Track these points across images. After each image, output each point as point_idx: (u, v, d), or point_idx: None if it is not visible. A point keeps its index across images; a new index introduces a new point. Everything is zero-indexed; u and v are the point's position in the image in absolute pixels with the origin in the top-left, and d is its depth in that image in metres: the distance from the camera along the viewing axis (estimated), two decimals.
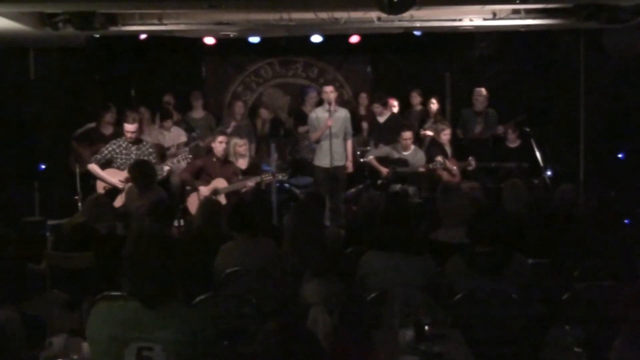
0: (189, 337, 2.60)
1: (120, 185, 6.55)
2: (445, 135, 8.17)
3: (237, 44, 9.48)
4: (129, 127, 6.63)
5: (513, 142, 8.33)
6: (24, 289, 4.11)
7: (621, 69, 7.82)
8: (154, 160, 6.76)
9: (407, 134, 8.00)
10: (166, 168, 6.86)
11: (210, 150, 7.67)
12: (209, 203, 5.52)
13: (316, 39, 9.14)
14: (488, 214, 4.03)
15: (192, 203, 6.97)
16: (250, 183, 6.99)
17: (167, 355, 2.58)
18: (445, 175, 7.83)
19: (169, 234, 4.68)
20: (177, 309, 2.67)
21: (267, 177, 7.13)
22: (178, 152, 7.99)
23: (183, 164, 7.42)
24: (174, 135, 8.51)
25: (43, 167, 8.44)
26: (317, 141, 7.73)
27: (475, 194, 6.27)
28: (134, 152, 6.66)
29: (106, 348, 2.66)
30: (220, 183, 7.01)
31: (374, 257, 4.10)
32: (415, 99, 9.55)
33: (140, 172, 5.91)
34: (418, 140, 8.77)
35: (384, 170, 8.01)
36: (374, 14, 7.28)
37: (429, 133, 8.75)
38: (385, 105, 9.08)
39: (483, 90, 8.68)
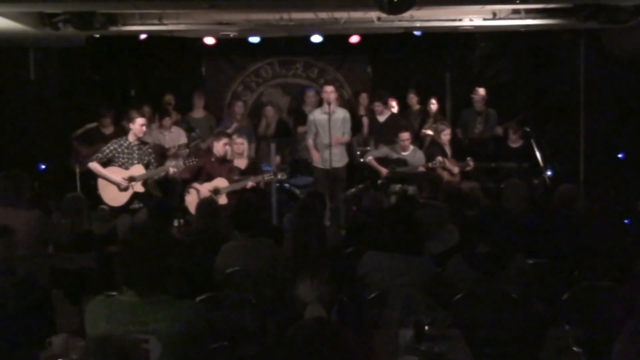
0: (182, 328, 2.65)
1: (124, 184, 6.54)
2: (445, 136, 8.17)
3: (237, 44, 9.47)
4: (140, 121, 6.61)
5: (513, 142, 8.32)
6: None
7: (621, 69, 7.82)
8: (153, 162, 6.75)
9: (405, 135, 7.98)
10: (172, 169, 6.84)
11: (209, 150, 7.66)
12: (206, 203, 5.51)
13: (316, 39, 9.14)
14: (488, 214, 4.03)
15: (192, 202, 6.95)
16: (251, 182, 6.96)
17: (162, 346, 2.63)
18: (445, 176, 7.82)
19: (169, 232, 4.67)
20: (169, 301, 2.72)
21: (268, 177, 7.10)
22: (178, 152, 7.98)
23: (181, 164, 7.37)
24: (175, 136, 8.49)
25: (43, 167, 8.44)
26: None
27: (475, 194, 6.28)
28: (136, 152, 6.64)
29: None
30: (221, 182, 6.98)
31: (374, 257, 4.09)
32: (413, 99, 9.53)
33: None
34: (418, 140, 8.76)
35: (384, 171, 8.00)
36: (374, 14, 7.28)
37: (429, 133, 8.75)
38: (386, 103, 9.07)
39: (481, 91, 8.68)
